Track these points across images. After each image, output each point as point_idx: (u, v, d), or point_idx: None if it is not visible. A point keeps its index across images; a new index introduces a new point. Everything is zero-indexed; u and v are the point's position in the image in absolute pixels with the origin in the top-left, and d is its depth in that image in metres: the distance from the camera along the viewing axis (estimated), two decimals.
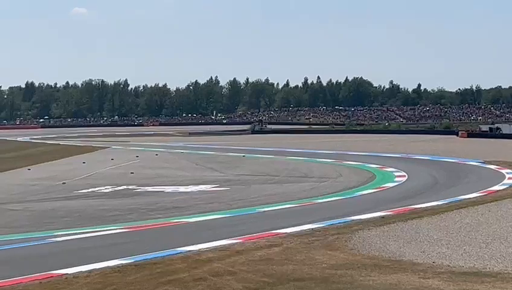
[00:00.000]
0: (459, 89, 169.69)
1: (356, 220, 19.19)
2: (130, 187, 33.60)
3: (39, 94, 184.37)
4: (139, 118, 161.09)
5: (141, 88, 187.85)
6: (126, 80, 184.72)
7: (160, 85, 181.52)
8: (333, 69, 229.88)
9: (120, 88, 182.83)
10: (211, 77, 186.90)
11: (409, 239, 15.72)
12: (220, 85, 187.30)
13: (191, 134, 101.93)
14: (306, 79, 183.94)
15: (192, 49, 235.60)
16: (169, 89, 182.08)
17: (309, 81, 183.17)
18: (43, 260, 14.64)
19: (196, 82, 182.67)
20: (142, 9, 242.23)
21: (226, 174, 40.00)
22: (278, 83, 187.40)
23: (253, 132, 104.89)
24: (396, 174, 36.16)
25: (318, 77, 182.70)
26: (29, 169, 45.84)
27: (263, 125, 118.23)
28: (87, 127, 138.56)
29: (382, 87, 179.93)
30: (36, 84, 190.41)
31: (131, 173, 40.85)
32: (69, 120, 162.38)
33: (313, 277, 11.99)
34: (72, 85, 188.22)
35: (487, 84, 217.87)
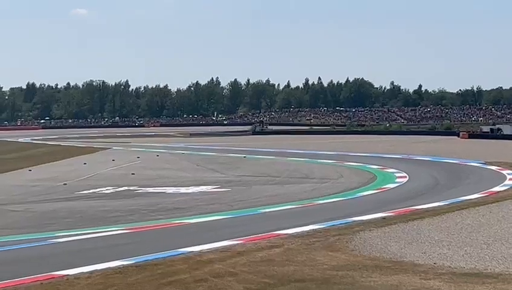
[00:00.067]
0: (460, 90, 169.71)
1: (357, 221, 19.19)
2: (131, 188, 33.62)
3: (40, 95, 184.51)
4: (140, 119, 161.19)
5: (142, 89, 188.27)
6: (127, 81, 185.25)
7: (161, 86, 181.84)
8: (334, 70, 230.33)
9: (121, 89, 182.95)
10: (212, 78, 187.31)
11: (410, 240, 15.71)
12: (221, 86, 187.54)
13: (192, 135, 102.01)
14: (307, 80, 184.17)
15: (193, 50, 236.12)
16: (170, 90, 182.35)
17: (310, 82, 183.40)
18: (44, 261, 14.64)
19: (197, 83, 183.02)
20: (143, 10, 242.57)
21: (227, 175, 40.02)
22: (279, 84, 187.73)
23: (254, 133, 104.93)
24: (397, 175, 36.15)
25: (319, 78, 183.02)
26: (30, 170, 45.87)
27: (264, 126, 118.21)
28: (88, 128, 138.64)
29: (383, 88, 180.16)
30: (37, 85, 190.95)
31: (132, 174, 40.89)
32: (70, 121, 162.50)
33: (314, 278, 12.00)
34: (73, 86, 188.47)
35: (488, 85, 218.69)
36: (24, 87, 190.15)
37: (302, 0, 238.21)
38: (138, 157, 55.45)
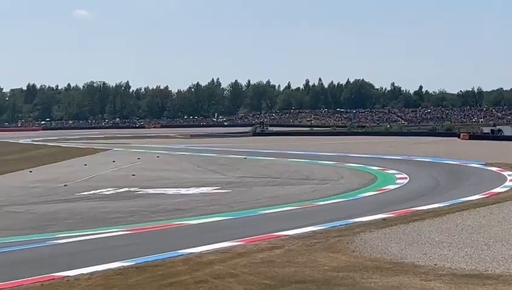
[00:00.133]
0: (461, 91, 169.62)
1: (358, 222, 19.19)
2: (132, 189, 33.63)
3: (41, 96, 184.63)
4: (141, 120, 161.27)
5: (143, 90, 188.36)
6: (127, 82, 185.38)
7: (161, 87, 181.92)
8: (335, 71, 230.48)
9: (121, 90, 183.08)
10: (213, 79, 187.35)
11: (411, 241, 15.70)
12: (222, 87, 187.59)
13: (193, 136, 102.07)
14: (307, 81, 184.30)
15: (193, 51, 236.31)
16: (170, 91, 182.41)
17: (310, 83, 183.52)
18: (45, 262, 14.63)
19: (198, 84, 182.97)
20: (143, 11, 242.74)
21: (228, 176, 40.02)
22: (280, 85, 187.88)
23: (254, 134, 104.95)
24: (397, 176, 36.16)
25: (319, 79, 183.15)
26: (30, 171, 45.90)
27: (264, 127, 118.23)
28: (88, 129, 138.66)
29: (383, 89, 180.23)
30: (38, 86, 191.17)
31: (132, 175, 40.90)
32: (71, 122, 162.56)
33: (315, 279, 11.98)
34: (74, 87, 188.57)
35: (489, 86, 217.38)
36: (24, 88, 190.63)
37: (303, 1, 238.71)
38: (139, 158, 55.48)
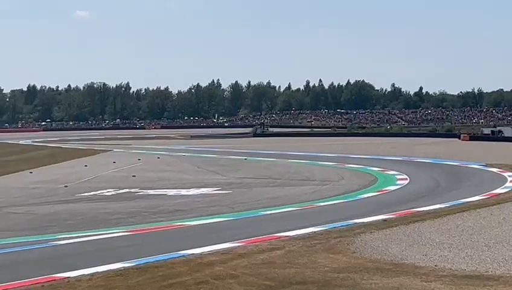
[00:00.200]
0: (461, 92, 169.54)
1: (358, 223, 19.19)
2: (132, 190, 33.62)
3: (41, 97, 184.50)
4: (141, 121, 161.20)
5: (143, 91, 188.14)
6: (128, 83, 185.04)
7: (162, 88, 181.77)
8: (335, 72, 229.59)
9: (122, 91, 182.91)
10: (213, 80, 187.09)
11: (411, 242, 15.71)
12: (222, 88, 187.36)
13: (193, 137, 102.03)
14: (308, 82, 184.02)
15: (194, 52, 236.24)
16: (171, 92, 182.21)
17: (311, 84, 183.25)
18: (45, 263, 14.64)
19: (198, 85, 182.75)
20: (144, 12, 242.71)
21: (228, 177, 40.02)
22: (280, 86, 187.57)
23: (255, 135, 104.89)
24: (398, 177, 36.16)
25: (320, 80, 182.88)
26: (31, 172, 45.88)
27: (265, 128, 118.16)
28: (89, 130, 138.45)
29: (384, 90, 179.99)
30: (38, 87, 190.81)
31: (133, 176, 40.89)
32: (71, 123, 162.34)
33: (315, 280, 11.99)
34: (74, 88, 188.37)
35: (489, 87, 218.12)
36: (25, 89, 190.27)
37: (303, 1, 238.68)
38: (139, 159, 55.47)
